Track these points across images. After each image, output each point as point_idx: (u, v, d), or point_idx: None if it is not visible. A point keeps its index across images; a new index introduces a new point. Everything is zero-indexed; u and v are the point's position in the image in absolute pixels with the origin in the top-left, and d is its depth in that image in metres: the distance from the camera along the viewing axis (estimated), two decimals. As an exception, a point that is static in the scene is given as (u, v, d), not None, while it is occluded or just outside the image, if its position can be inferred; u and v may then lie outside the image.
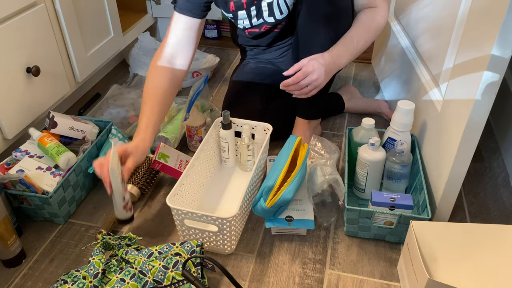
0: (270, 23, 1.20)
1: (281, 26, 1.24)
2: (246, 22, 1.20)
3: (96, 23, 1.47)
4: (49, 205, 1.02)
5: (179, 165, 1.16)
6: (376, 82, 1.66)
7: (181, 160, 1.18)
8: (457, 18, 0.97)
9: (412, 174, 1.10)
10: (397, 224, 0.96)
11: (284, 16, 1.18)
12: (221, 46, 1.99)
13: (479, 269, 0.82)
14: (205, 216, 0.89)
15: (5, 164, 1.07)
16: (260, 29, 1.22)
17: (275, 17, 1.17)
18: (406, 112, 1.03)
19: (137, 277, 0.82)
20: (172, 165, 1.15)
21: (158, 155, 1.14)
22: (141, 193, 1.14)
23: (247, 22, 1.20)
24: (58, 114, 1.15)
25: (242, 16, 1.19)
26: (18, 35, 1.13)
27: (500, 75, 0.79)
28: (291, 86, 1.06)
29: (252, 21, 1.19)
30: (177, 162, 1.17)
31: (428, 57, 1.17)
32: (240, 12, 1.18)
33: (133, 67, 1.67)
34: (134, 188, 1.12)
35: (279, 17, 1.17)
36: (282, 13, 1.16)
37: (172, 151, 1.19)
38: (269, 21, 1.19)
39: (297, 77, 1.04)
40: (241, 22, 1.21)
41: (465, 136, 0.88)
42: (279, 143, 1.32)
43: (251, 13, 1.18)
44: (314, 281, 0.93)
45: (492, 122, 1.40)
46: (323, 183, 1.01)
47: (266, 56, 1.38)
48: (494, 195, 1.16)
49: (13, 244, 0.95)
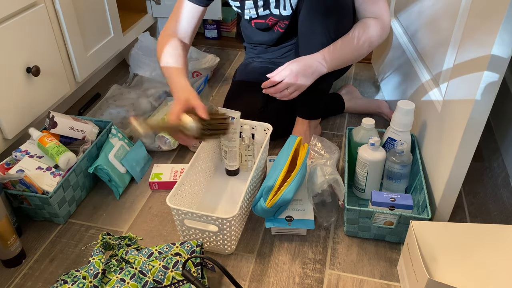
0: (275, 16, 1.21)
1: (285, 26, 1.24)
2: (253, 12, 1.23)
3: (96, 23, 1.47)
4: (49, 205, 1.02)
5: (174, 176, 1.18)
6: (376, 82, 1.66)
7: (176, 171, 1.20)
8: (457, 18, 0.97)
9: (412, 174, 1.10)
10: (397, 224, 0.96)
11: (288, 14, 1.19)
12: (221, 46, 1.99)
13: (479, 269, 0.82)
14: (205, 216, 0.89)
15: (5, 164, 1.07)
16: (265, 21, 1.24)
17: (280, 11, 1.19)
18: (406, 112, 1.03)
19: (137, 277, 0.82)
20: (167, 179, 1.17)
21: (151, 177, 1.18)
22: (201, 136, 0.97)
23: (253, 12, 1.22)
24: (58, 114, 1.15)
25: (249, 5, 1.21)
26: (18, 35, 1.13)
27: (500, 75, 0.79)
28: (270, 89, 1.12)
29: (259, 11, 1.21)
30: (172, 174, 1.19)
31: (428, 57, 1.17)
32: (248, 2, 1.20)
33: (133, 67, 1.67)
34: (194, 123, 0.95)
35: (283, 12, 1.19)
36: (285, 9, 1.18)
37: (164, 167, 1.21)
38: (275, 13, 1.21)
39: (270, 81, 1.10)
40: (248, 12, 1.23)
41: (465, 136, 0.88)
42: (279, 143, 1.32)
43: (258, 3, 1.20)
44: (314, 281, 0.93)
45: (492, 122, 1.40)
46: (323, 183, 1.01)
47: (269, 55, 1.38)
48: (494, 195, 1.16)
49: (13, 244, 0.95)
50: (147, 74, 1.63)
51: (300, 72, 1.09)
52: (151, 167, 1.23)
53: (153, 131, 1.04)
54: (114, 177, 1.13)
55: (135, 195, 1.17)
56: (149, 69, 1.63)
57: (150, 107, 1.46)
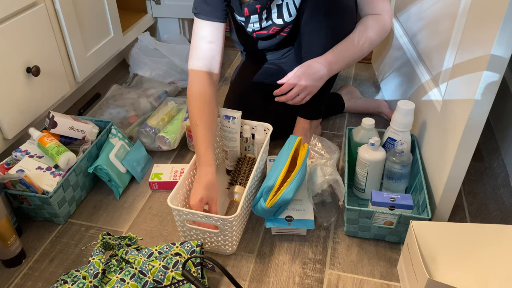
0: (278, 25, 1.20)
1: (289, 30, 1.24)
2: (256, 26, 1.21)
3: (96, 23, 1.47)
4: (49, 205, 1.02)
5: (174, 176, 1.18)
6: (376, 82, 1.66)
7: (176, 171, 1.20)
8: (457, 18, 0.97)
9: (412, 174, 1.10)
10: (397, 224, 0.96)
11: (292, 19, 1.17)
12: (221, 46, 1.98)
13: (479, 269, 0.82)
14: (206, 216, 0.89)
15: (5, 164, 1.07)
16: (268, 31, 1.22)
17: (283, 19, 1.17)
18: (406, 112, 1.03)
19: (137, 277, 0.82)
20: (167, 179, 1.17)
21: (151, 176, 1.18)
22: None
23: (257, 26, 1.21)
24: (58, 114, 1.15)
25: (254, 19, 1.19)
26: (18, 35, 1.13)
27: (500, 75, 0.79)
28: (281, 97, 1.12)
29: (262, 23, 1.20)
30: (172, 174, 1.19)
31: (428, 57, 1.17)
32: (253, 16, 1.18)
33: (133, 67, 1.67)
34: (241, 188, 1.07)
35: (287, 19, 1.17)
36: (291, 15, 1.16)
37: (164, 167, 1.21)
38: (277, 23, 1.19)
39: (280, 90, 1.10)
40: (252, 25, 1.21)
41: (465, 136, 0.88)
42: (279, 143, 1.32)
43: (262, 16, 1.18)
44: (314, 281, 0.93)
45: (492, 122, 1.40)
46: (323, 183, 1.01)
47: (268, 56, 1.38)
48: (494, 195, 1.16)
49: (13, 244, 0.95)
50: (147, 74, 1.63)
51: (309, 78, 1.09)
52: (151, 167, 1.23)
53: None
54: (114, 177, 1.13)
55: (135, 195, 1.17)
56: (149, 69, 1.63)
57: (150, 107, 1.46)
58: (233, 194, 1.05)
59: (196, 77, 1.10)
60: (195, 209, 0.93)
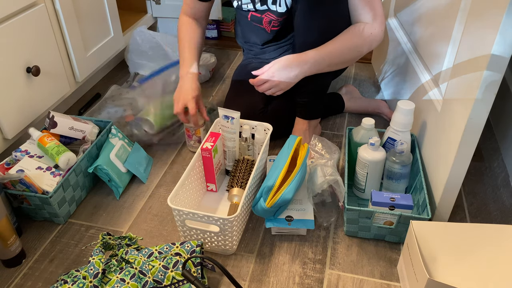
0: (272, 12, 1.23)
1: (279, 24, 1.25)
2: (250, 7, 1.25)
3: (96, 23, 1.47)
4: (49, 205, 1.02)
5: (217, 167, 1.12)
6: (376, 82, 1.66)
7: (220, 163, 1.14)
8: (457, 18, 0.97)
9: (412, 174, 1.10)
10: (397, 224, 0.96)
11: (282, 11, 1.21)
12: (221, 46, 1.99)
13: (479, 269, 0.82)
14: (206, 216, 0.89)
15: (5, 164, 1.07)
16: (261, 15, 1.26)
17: (276, 8, 1.21)
18: (406, 112, 1.03)
19: (137, 277, 0.82)
20: (215, 163, 1.10)
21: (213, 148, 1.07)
22: None
23: (251, 7, 1.25)
24: (58, 114, 1.15)
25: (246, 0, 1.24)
26: (18, 35, 1.13)
27: (500, 75, 0.79)
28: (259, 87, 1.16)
29: (256, 5, 1.24)
30: (218, 164, 1.13)
31: (428, 57, 1.17)
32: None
33: (132, 66, 1.66)
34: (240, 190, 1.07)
35: (279, 9, 1.20)
36: (280, 6, 1.20)
37: (220, 150, 1.14)
38: (272, 9, 1.22)
39: (253, 82, 1.14)
40: (245, 6, 1.26)
41: (465, 136, 0.88)
42: (279, 143, 1.32)
43: None
44: (314, 281, 0.93)
45: (492, 122, 1.40)
46: (324, 183, 1.01)
47: (266, 56, 1.38)
48: (494, 195, 1.16)
49: (13, 244, 0.95)
50: (147, 73, 1.63)
51: (283, 75, 1.10)
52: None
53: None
54: (114, 177, 1.13)
55: (135, 195, 1.17)
56: (149, 68, 1.63)
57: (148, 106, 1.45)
58: (232, 197, 1.05)
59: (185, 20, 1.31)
60: (178, 115, 1.19)
